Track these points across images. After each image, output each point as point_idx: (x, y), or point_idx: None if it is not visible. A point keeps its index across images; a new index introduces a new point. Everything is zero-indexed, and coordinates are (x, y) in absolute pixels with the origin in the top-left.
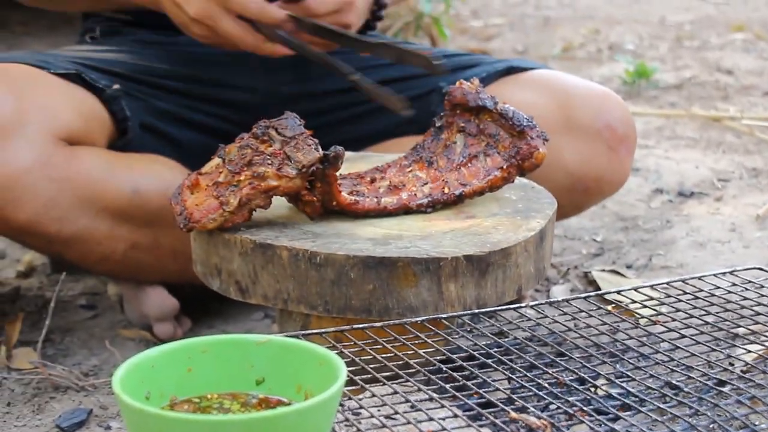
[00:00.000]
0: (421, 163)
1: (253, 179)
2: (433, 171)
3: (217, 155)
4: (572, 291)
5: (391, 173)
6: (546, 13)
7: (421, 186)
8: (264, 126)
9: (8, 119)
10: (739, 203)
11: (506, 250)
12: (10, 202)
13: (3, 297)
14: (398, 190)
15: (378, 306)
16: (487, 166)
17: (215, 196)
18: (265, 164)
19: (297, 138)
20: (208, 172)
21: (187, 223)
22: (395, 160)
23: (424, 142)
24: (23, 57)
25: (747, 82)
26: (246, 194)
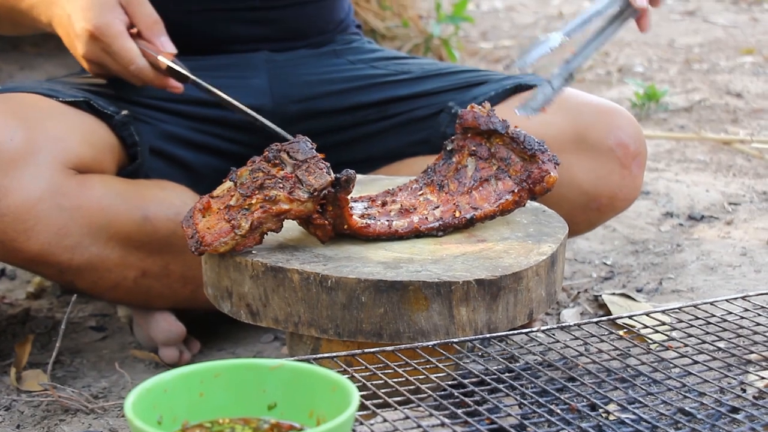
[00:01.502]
0: (432, 186)
1: (265, 203)
2: (444, 194)
3: (229, 178)
4: (582, 314)
5: (402, 196)
6: None
7: (432, 209)
8: (276, 149)
9: (19, 150)
10: (749, 227)
11: (517, 275)
12: (22, 233)
13: (13, 318)
14: (409, 214)
15: (389, 330)
16: (498, 189)
17: (227, 220)
18: (276, 188)
19: (309, 161)
20: (220, 196)
21: (198, 246)
22: (406, 184)
23: (435, 165)
24: (32, 86)
25: (757, 105)
26: (257, 218)
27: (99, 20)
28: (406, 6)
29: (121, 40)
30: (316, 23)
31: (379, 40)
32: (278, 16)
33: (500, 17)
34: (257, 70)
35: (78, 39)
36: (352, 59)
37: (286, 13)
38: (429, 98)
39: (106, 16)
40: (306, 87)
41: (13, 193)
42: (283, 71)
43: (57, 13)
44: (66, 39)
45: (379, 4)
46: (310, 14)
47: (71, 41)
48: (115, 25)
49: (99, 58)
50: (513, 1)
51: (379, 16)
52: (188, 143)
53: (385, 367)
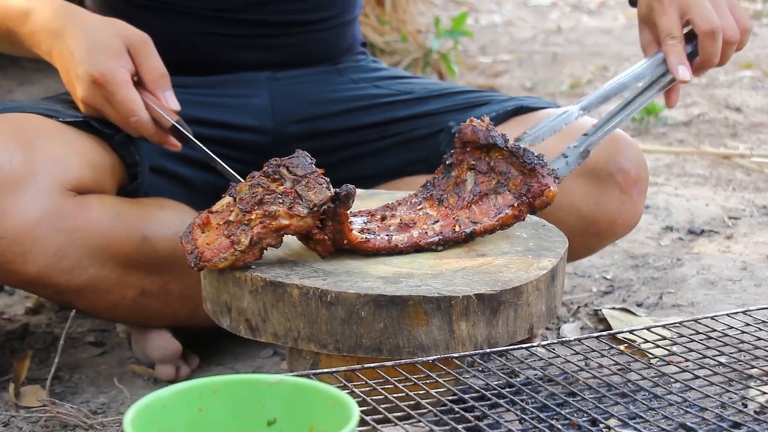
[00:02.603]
0: (431, 200)
1: (264, 218)
2: (443, 209)
3: (228, 194)
4: (583, 329)
5: (401, 211)
6: (554, 49)
7: (432, 224)
8: (275, 164)
9: (17, 172)
10: (749, 241)
11: (518, 289)
12: (20, 255)
13: (12, 334)
14: (409, 228)
15: (389, 345)
16: (497, 204)
17: (226, 235)
18: (276, 203)
19: (308, 177)
20: (219, 211)
21: (198, 262)
22: (406, 198)
23: (435, 179)
24: (31, 106)
25: (756, 120)
26: (257, 233)
27: (104, 67)
28: (405, 21)
29: (125, 90)
30: (323, 50)
31: (378, 55)
32: (286, 43)
33: (499, 32)
34: (259, 89)
35: (79, 81)
36: (355, 78)
37: (294, 40)
38: (430, 118)
39: (113, 63)
40: (308, 106)
41: (11, 216)
42: (285, 90)
43: (59, 47)
44: (65, 76)
45: (378, 19)
46: (318, 41)
47: (70, 80)
48: (121, 74)
49: (98, 105)
50: (512, 16)
51: (378, 31)
52: (188, 161)
53: (385, 382)
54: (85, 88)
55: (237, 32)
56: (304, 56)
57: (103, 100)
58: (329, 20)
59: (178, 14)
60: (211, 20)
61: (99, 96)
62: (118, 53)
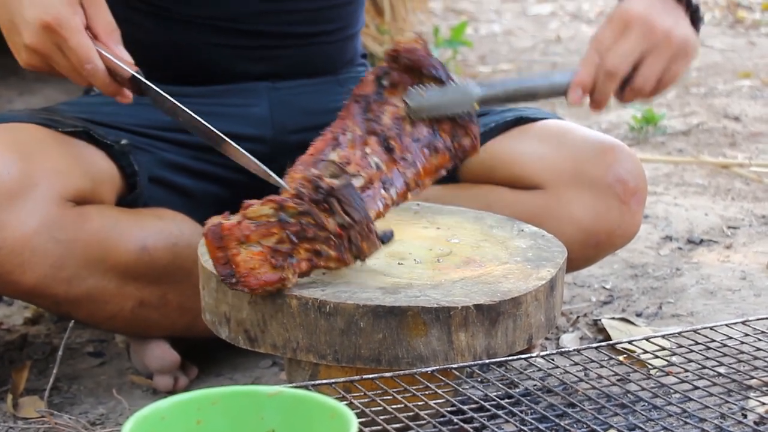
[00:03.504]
0: (376, 140)
1: (313, 256)
2: (391, 162)
3: (269, 205)
4: (582, 339)
5: (354, 161)
6: (553, 59)
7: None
8: (325, 192)
9: (16, 183)
10: (749, 251)
11: (517, 300)
12: (18, 266)
13: (10, 344)
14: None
15: (388, 355)
16: (436, 162)
17: (273, 265)
18: (328, 244)
19: (362, 223)
20: (256, 221)
21: (235, 283)
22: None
23: (368, 98)
24: (30, 116)
25: (755, 129)
26: (305, 269)
27: (58, 11)
28: (405, 30)
29: (80, 35)
30: (324, 62)
31: (377, 64)
32: (288, 54)
33: (498, 41)
34: (258, 98)
35: (27, 27)
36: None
37: (295, 52)
38: None
39: (66, 8)
40: (307, 116)
41: (10, 227)
42: (284, 100)
43: None
44: (5, 24)
45: (377, 29)
46: (319, 54)
47: (15, 26)
48: (75, 20)
49: (48, 52)
50: (511, 25)
51: (377, 41)
52: (188, 171)
53: (384, 393)
54: (34, 34)
55: (239, 42)
56: (305, 68)
57: (53, 47)
58: (331, 34)
59: (181, 23)
60: (213, 30)
61: (49, 43)
62: (70, 0)
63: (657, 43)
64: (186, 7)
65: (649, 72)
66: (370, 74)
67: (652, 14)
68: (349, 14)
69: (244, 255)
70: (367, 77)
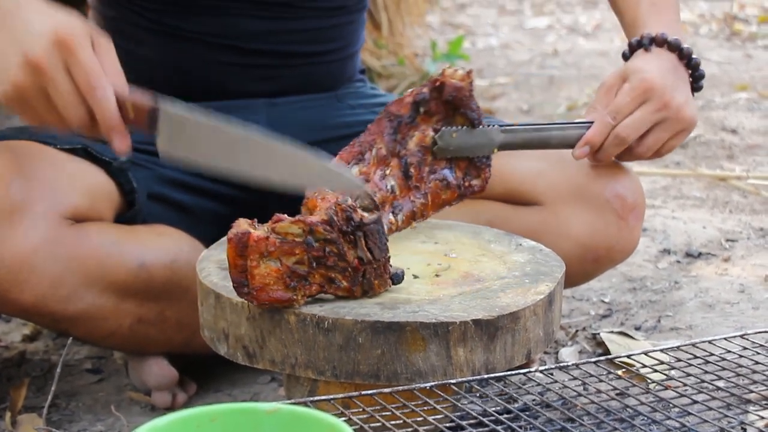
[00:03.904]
0: (397, 164)
1: (325, 282)
2: (405, 187)
3: (299, 225)
4: (581, 353)
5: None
6: (550, 72)
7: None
8: (354, 225)
9: (15, 201)
10: (747, 264)
11: (515, 314)
12: (16, 285)
13: (8, 361)
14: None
15: (386, 371)
16: (445, 197)
17: (286, 284)
18: (343, 275)
19: (380, 262)
20: (282, 238)
21: (247, 293)
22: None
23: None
24: (29, 133)
25: (752, 141)
26: (314, 293)
27: (72, 26)
28: (402, 44)
29: (93, 58)
30: (325, 80)
31: (376, 79)
32: (289, 73)
33: (496, 54)
34: (257, 114)
35: (33, 39)
36: (353, 104)
37: (297, 71)
38: None
39: (81, 29)
40: (306, 132)
41: (8, 245)
42: (283, 116)
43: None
44: (5, 34)
45: (375, 43)
46: (320, 72)
47: (17, 38)
48: (89, 43)
49: (51, 71)
50: (508, 39)
51: (375, 55)
52: (187, 187)
53: (383, 409)
54: (44, 47)
55: (242, 61)
56: (306, 86)
57: (59, 66)
58: (333, 53)
59: (185, 41)
60: (217, 48)
61: (56, 60)
62: (82, 27)
63: (668, 117)
64: (192, 25)
65: (652, 142)
66: (409, 96)
67: (668, 86)
68: (350, 33)
69: (262, 269)
70: (406, 99)
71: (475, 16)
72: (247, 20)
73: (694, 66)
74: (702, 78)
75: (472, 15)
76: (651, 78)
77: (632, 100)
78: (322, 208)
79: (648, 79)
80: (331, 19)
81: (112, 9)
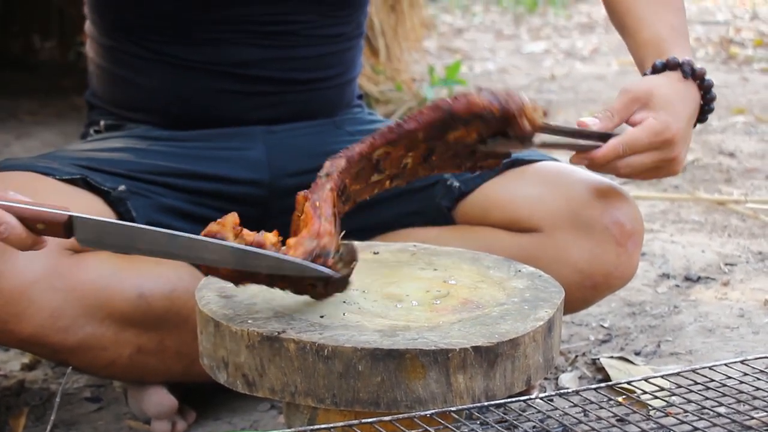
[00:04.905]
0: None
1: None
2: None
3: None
4: (581, 378)
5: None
6: (548, 96)
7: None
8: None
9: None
10: (746, 288)
11: (515, 341)
12: (14, 316)
13: (7, 390)
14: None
15: (386, 398)
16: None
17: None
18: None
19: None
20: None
21: None
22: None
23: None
24: (28, 164)
25: (750, 165)
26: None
27: None
28: (400, 70)
29: None
30: (323, 107)
31: (374, 104)
32: (287, 99)
33: (493, 79)
34: (255, 142)
35: None
36: (351, 130)
37: (295, 98)
38: None
39: None
40: (304, 159)
41: (8, 276)
42: (281, 143)
43: None
44: None
45: (372, 69)
46: (318, 99)
47: None
48: None
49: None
50: (505, 63)
51: (372, 80)
52: (186, 215)
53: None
54: None
55: (240, 88)
56: (304, 112)
57: None
58: (331, 79)
59: (184, 68)
60: (216, 75)
61: None
62: None
63: (666, 167)
64: (191, 54)
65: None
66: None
67: (684, 141)
68: (348, 60)
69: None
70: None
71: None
72: (246, 48)
73: (710, 99)
74: (713, 100)
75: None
76: (675, 131)
77: (649, 144)
78: (298, 251)
79: (672, 130)
80: (329, 47)
81: (111, 39)
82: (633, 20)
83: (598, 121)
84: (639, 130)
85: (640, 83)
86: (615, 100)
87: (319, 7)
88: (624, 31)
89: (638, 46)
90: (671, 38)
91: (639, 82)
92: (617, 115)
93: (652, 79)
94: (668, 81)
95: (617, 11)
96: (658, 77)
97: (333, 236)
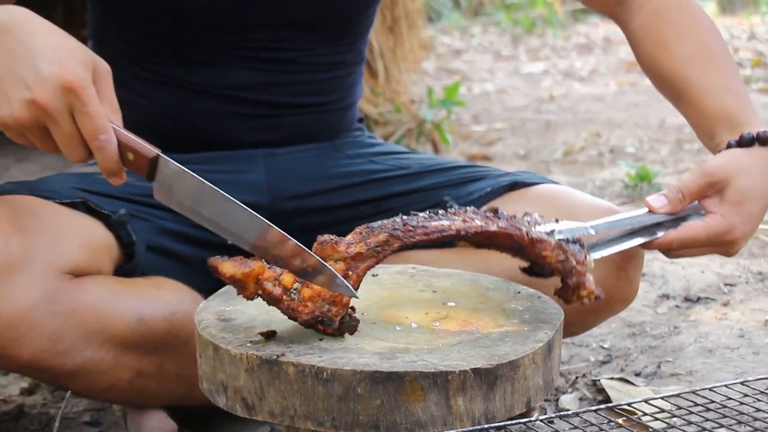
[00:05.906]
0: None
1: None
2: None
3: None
4: (581, 400)
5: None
6: (547, 117)
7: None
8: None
9: (14, 257)
10: (746, 308)
11: (514, 363)
12: (13, 341)
13: (6, 415)
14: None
15: (386, 421)
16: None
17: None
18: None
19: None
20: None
21: None
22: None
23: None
24: (28, 187)
25: None
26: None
27: (79, 73)
28: (399, 92)
29: (98, 103)
30: (323, 131)
31: (373, 126)
32: (287, 123)
33: (492, 100)
34: (255, 165)
35: (40, 83)
36: (351, 153)
37: (295, 121)
38: (425, 194)
39: (85, 73)
40: (304, 182)
41: (7, 301)
42: (281, 166)
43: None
44: (9, 75)
45: (371, 91)
46: (318, 123)
47: (17, 79)
48: (93, 87)
49: (56, 114)
50: (504, 84)
51: (371, 102)
52: (186, 238)
53: None
54: (49, 91)
55: (241, 111)
56: (304, 136)
57: (64, 110)
58: (332, 104)
59: (184, 91)
60: (216, 98)
61: (61, 104)
62: (86, 65)
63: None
64: (191, 77)
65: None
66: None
67: (746, 238)
68: (349, 85)
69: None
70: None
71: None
72: (247, 72)
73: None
74: None
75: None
76: (738, 234)
77: (707, 242)
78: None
79: (735, 234)
80: (329, 73)
81: (109, 59)
82: (692, 88)
83: (666, 202)
84: (700, 230)
85: (724, 167)
86: (690, 179)
87: (319, 36)
88: (680, 99)
89: (704, 117)
90: (741, 107)
91: (723, 165)
92: (688, 198)
93: (735, 160)
94: (752, 160)
95: (670, 79)
96: (744, 155)
97: (346, 308)
